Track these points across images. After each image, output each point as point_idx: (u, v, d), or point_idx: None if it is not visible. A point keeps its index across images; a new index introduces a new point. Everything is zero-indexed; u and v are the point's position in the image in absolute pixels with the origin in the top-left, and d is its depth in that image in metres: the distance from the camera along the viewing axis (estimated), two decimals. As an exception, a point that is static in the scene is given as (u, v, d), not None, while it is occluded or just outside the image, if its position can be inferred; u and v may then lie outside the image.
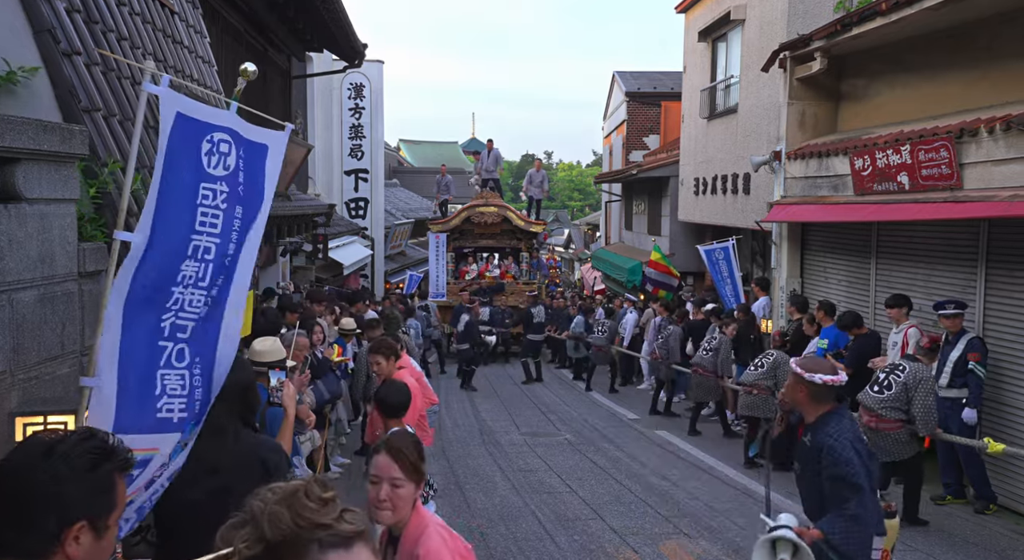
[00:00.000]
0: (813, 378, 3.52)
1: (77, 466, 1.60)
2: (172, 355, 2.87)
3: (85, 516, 1.60)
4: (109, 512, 1.66)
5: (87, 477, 1.61)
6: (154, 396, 2.83)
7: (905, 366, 6.41)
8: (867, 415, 6.44)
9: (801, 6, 11.07)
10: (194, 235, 2.88)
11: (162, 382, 2.85)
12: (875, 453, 6.60)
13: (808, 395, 3.57)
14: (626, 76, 25.75)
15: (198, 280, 2.91)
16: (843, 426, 3.48)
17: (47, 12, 4.06)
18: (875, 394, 6.44)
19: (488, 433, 10.30)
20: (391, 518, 2.51)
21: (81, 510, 1.60)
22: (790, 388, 3.67)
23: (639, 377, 14.80)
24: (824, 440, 3.45)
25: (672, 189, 17.48)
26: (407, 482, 2.49)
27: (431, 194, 26.55)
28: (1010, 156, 6.45)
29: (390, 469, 2.48)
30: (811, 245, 10.35)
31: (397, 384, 4.51)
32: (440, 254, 19.59)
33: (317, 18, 11.21)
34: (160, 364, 2.84)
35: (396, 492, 2.48)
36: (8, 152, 3.11)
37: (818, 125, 10.06)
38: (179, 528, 3.01)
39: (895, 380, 6.36)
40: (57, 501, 1.58)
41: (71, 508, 1.59)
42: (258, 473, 3.04)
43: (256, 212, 3.14)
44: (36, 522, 1.56)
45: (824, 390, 3.55)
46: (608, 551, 5.92)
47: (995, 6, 7.08)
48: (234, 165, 3.00)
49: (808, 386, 3.55)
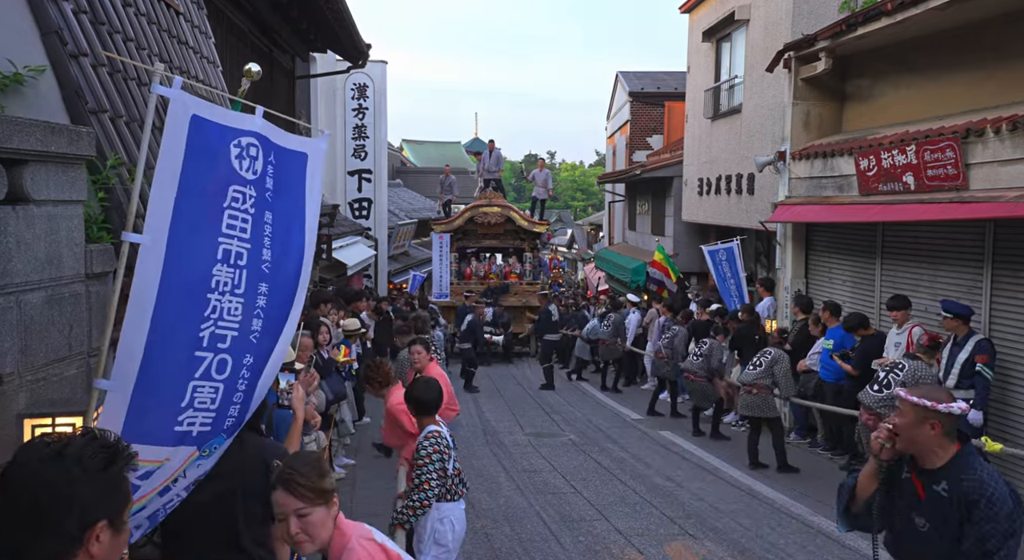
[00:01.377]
0: (950, 409, 2.83)
1: (90, 467, 1.62)
2: (212, 366, 2.78)
3: (105, 515, 1.62)
4: (124, 508, 1.69)
5: (101, 477, 1.63)
6: (178, 407, 2.73)
7: (905, 365, 6.38)
8: (866, 414, 6.43)
9: (806, 6, 11.05)
10: (222, 238, 2.80)
11: (192, 394, 2.75)
12: None
13: (943, 432, 2.87)
14: (629, 76, 25.73)
15: (234, 287, 2.83)
16: (990, 468, 2.88)
17: (54, 13, 4.06)
18: (875, 393, 6.42)
19: (492, 433, 10.30)
20: (311, 547, 2.44)
21: (100, 510, 1.62)
22: (911, 427, 2.89)
23: (643, 377, 14.80)
24: (974, 488, 2.78)
25: (676, 189, 17.46)
26: (313, 508, 2.40)
27: (434, 194, 26.54)
28: (1016, 156, 6.43)
29: (289, 503, 2.40)
30: (816, 246, 10.33)
31: (429, 381, 4.57)
32: (444, 254, 19.60)
33: (321, 18, 11.22)
34: (195, 375, 2.74)
35: (306, 521, 2.40)
36: (16, 154, 3.12)
37: (823, 125, 10.04)
38: (185, 530, 3.01)
39: (894, 379, 6.34)
40: (76, 503, 1.59)
41: (90, 509, 1.60)
42: (263, 477, 3.03)
43: (295, 222, 3.07)
44: (56, 526, 1.57)
45: (956, 422, 2.89)
46: (613, 552, 5.92)
47: (1001, 6, 7.06)
48: (261, 170, 2.94)
49: (943, 421, 2.85)
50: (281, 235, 3.02)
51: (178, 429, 2.76)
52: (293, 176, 3.09)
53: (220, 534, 3.00)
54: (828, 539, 6.17)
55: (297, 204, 3.11)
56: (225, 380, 2.83)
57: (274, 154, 3.01)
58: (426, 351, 6.35)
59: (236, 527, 3.00)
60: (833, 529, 6.37)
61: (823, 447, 9.10)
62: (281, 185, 3.03)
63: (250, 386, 2.94)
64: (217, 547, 3.00)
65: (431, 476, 4.24)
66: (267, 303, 2.96)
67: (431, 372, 6.35)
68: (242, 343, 2.87)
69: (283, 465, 2.51)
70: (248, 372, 2.91)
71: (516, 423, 11.07)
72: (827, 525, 6.47)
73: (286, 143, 3.08)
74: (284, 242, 3.04)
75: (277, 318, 3.02)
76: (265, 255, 2.95)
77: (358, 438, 9.63)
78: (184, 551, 3.04)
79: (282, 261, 3.03)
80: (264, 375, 3.02)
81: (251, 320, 2.90)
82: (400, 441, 5.41)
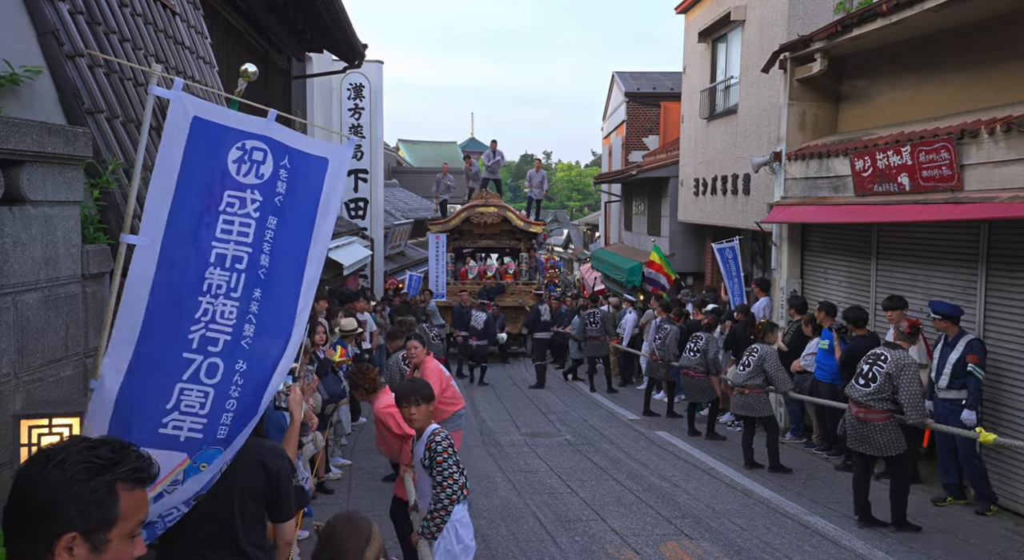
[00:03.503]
0: None
1: (71, 475, 1.54)
2: (202, 369, 2.76)
3: (77, 528, 1.53)
4: (108, 525, 1.57)
5: (81, 487, 1.54)
6: (163, 409, 2.72)
7: (886, 355, 6.36)
8: (855, 407, 6.43)
9: (801, 7, 11.08)
10: (216, 242, 2.78)
11: (179, 396, 2.73)
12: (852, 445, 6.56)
13: None
14: (625, 76, 25.75)
15: (229, 290, 2.80)
16: None
17: (50, 14, 4.06)
18: (861, 387, 6.42)
19: (488, 434, 10.30)
20: None
21: (73, 522, 1.53)
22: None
23: (639, 377, 14.83)
24: None
25: (672, 190, 17.48)
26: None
27: (430, 194, 26.53)
28: (1011, 157, 6.46)
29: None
30: (811, 246, 10.36)
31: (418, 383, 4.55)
32: (440, 254, 19.60)
33: (317, 19, 11.21)
34: (183, 377, 2.73)
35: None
36: (12, 154, 3.11)
37: (818, 126, 10.07)
38: (183, 531, 3.01)
39: (878, 371, 6.33)
40: (49, 509, 1.53)
41: (61, 519, 1.53)
42: (259, 477, 3.04)
43: (303, 228, 3.01)
44: (34, 530, 1.53)
45: None
46: (609, 552, 5.93)
47: (995, 7, 7.09)
48: (270, 174, 2.89)
49: None
50: (284, 241, 2.96)
51: (163, 431, 2.73)
52: (309, 181, 3.03)
53: (217, 535, 3.00)
54: (823, 539, 6.19)
55: (309, 210, 3.04)
56: (216, 385, 2.79)
57: (288, 158, 2.95)
58: (421, 345, 6.53)
59: (234, 527, 3.00)
60: (829, 528, 6.40)
61: (818, 447, 9.12)
62: (294, 189, 2.98)
63: (244, 395, 2.87)
64: (214, 548, 3.00)
65: (453, 470, 4.13)
66: (260, 309, 2.91)
67: (428, 365, 6.45)
68: (235, 348, 2.83)
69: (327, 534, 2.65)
70: (241, 379, 2.85)
71: (512, 423, 11.07)
72: (822, 524, 6.49)
73: (304, 147, 3.03)
74: (287, 248, 2.98)
75: (273, 326, 2.95)
76: (263, 260, 2.91)
77: (354, 438, 9.64)
78: (181, 552, 3.03)
79: (281, 268, 2.97)
80: (267, 391, 2.96)
81: (244, 325, 2.86)
82: (392, 449, 5.40)
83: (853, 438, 6.53)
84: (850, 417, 6.53)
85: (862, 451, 6.47)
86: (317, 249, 3.09)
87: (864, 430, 6.37)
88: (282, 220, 2.95)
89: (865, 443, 6.40)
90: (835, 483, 7.80)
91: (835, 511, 6.87)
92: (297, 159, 2.99)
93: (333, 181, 3.11)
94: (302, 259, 3.03)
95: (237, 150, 2.82)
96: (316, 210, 3.06)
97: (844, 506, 6.89)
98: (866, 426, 6.35)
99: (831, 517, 6.70)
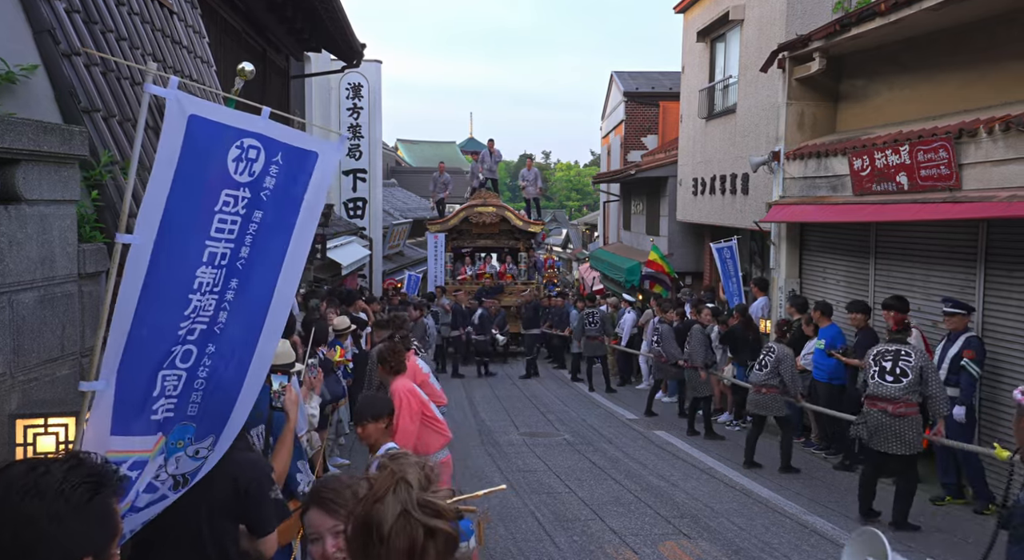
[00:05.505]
0: None
1: (74, 500, 1.50)
2: (178, 356, 2.81)
3: (90, 551, 1.51)
4: (112, 540, 1.58)
5: (86, 510, 1.51)
6: (152, 397, 2.77)
7: (910, 352, 6.38)
8: (887, 403, 6.33)
9: (800, 6, 11.08)
10: (209, 241, 2.78)
11: (162, 383, 2.79)
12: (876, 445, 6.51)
13: None
14: (624, 76, 25.75)
15: (213, 287, 2.84)
16: None
17: (46, 12, 4.04)
18: (891, 384, 6.36)
19: (487, 433, 10.30)
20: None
21: (86, 546, 1.51)
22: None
23: (638, 377, 14.83)
24: None
25: (670, 189, 17.48)
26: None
27: (428, 193, 26.53)
28: (1009, 157, 6.46)
29: (325, 522, 2.36)
30: (810, 245, 10.36)
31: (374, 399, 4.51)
32: (438, 254, 19.61)
33: (316, 18, 11.19)
34: (164, 364, 2.78)
35: (343, 538, 2.43)
36: (8, 153, 3.10)
37: (817, 125, 10.07)
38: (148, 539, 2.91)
39: (907, 366, 6.31)
40: (61, 542, 1.48)
41: (76, 546, 1.49)
42: (228, 491, 2.96)
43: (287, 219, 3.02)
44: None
45: None
46: (608, 552, 5.92)
47: (994, 7, 7.09)
48: (260, 171, 2.90)
49: None
50: (267, 233, 2.98)
51: (153, 418, 2.79)
52: (297, 174, 3.04)
53: (184, 544, 2.92)
54: (822, 538, 6.18)
55: (294, 202, 3.05)
56: (188, 368, 2.84)
57: (281, 153, 2.96)
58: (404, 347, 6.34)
59: (202, 541, 2.92)
60: (827, 528, 6.39)
61: (817, 447, 9.12)
62: (283, 183, 2.99)
63: (213, 372, 2.91)
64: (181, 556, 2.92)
65: None
66: (235, 298, 2.94)
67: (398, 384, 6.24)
68: (208, 335, 2.88)
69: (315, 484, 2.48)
70: (209, 359, 2.89)
71: (511, 422, 11.07)
72: (821, 524, 6.49)
73: (295, 141, 3.03)
74: (268, 239, 2.99)
75: (249, 313, 2.97)
76: (243, 252, 2.93)
77: (353, 438, 9.62)
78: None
79: (260, 259, 2.98)
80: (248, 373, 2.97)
81: (219, 313, 2.90)
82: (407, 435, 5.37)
83: (879, 437, 6.38)
84: (878, 414, 6.38)
85: (886, 450, 6.35)
86: (299, 241, 3.09)
87: (899, 426, 6.28)
88: (266, 213, 2.96)
89: (895, 440, 6.29)
90: (834, 483, 7.80)
91: (834, 511, 6.87)
92: (287, 154, 3.00)
93: (321, 175, 3.11)
94: (282, 251, 3.04)
95: (236, 148, 2.81)
96: (301, 203, 3.07)
97: (843, 506, 6.89)
98: (903, 421, 6.27)
99: (830, 517, 6.69)
